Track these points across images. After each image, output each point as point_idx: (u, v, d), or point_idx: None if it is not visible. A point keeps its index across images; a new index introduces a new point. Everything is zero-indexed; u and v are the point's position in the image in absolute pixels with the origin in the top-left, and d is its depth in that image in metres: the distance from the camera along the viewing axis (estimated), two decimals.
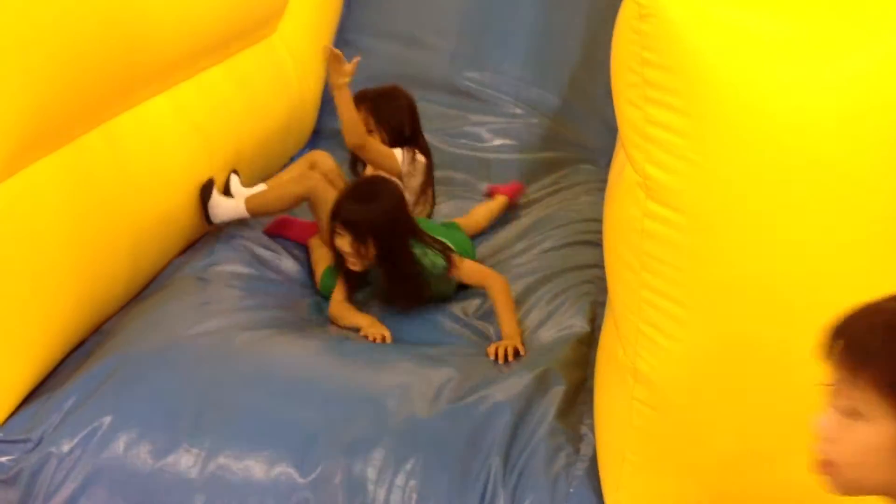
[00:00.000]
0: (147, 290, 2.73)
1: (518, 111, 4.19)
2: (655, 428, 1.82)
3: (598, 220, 3.24)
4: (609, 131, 4.11)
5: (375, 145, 3.13)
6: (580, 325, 2.66)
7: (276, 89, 3.55)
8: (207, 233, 3.07)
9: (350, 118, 3.00)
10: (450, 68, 4.22)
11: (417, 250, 2.69)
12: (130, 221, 2.56)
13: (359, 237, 2.62)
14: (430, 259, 2.70)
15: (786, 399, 1.64)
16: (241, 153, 3.22)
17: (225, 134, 3.11)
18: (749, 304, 1.64)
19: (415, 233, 2.72)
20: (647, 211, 1.69)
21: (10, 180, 2.10)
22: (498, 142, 4.10)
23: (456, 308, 2.78)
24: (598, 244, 3.10)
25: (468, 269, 2.76)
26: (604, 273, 2.91)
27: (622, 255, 1.81)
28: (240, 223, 3.08)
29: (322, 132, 4.16)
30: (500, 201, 3.41)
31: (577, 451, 2.15)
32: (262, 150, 3.41)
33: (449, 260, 2.71)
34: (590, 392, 2.34)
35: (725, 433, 1.75)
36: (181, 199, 2.86)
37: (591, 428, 2.20)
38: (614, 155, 2.42)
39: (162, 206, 2.73)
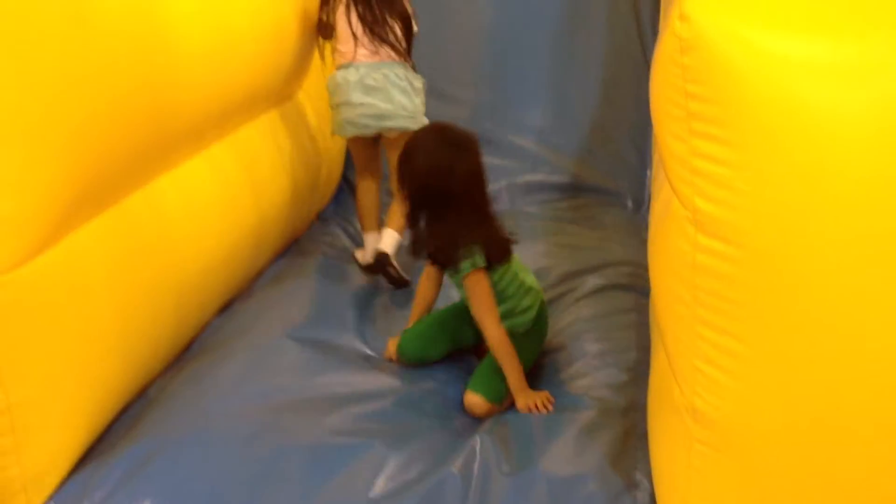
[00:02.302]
0: (191, 349, 2.72)
1: (541, 157, 4.20)
2: (718, 470, 1.77)
3: (632, 264, 3.25)
4: (634, 174, 4.14)
5: None
6: (624, 371, 2.62)
7: (302, 145, 3.58)
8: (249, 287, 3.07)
9: None
10: (471, 119, 4.24)
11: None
12: (173, 281, 2.57)
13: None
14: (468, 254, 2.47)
15: (858, 432, 1.60)
16: (271, 208, 3.24)
17: (256, 189, 3.13)
18: (810, 334, 1.60)
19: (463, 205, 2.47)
20: (698, 245, 1.66)
21: (57, 246, 2.11)
22: (522, 190, 4.11)
23: None
24: (634, 288, 3.10)
25: (478, 292, 2.48)
26: (642, 317, 2.91)
27: (674, 292, 1.78)
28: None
29: (346, 189, 4.19)
30: None
31: (634, 499, 2.10)
32: (291, 205, 3.44)
33: (475, 267, 2.46)
34: (642, 437, 2.30)
35: (792, 472, 1.70)
36: (221, 255, 2.87)
37: (647, 474, 2.16)
38: (653, 193, 2.40)
39: (202, 264, 2.75)
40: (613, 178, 4.08)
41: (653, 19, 4.35)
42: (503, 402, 2.51)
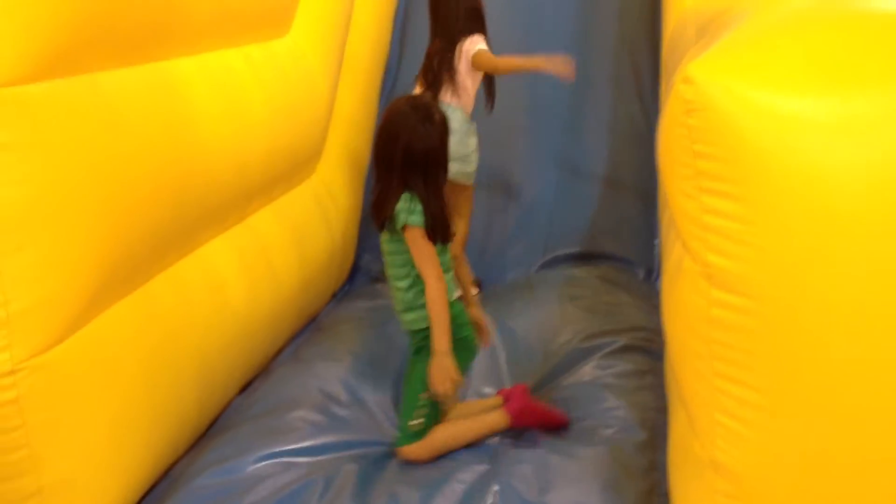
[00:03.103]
0: (214, 427, 2.75)
1: (553, 229, 4.28)
2: None
3: (646, 329, 3.29)
4: (643, 243, 4.21)
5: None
6: (643, 430, 2.65)
7: (316, 227, 3.65)
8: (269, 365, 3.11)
9: None
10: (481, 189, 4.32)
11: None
12: (196, 361, 2.62)
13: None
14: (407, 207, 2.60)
15: (880, 477, 1.62)
16: (288, 288, 3.30)
17: (273, 270, 3.19)
18: (826, 381, 1.64)
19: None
20: (712, 299, 1.71)
21: (86, 327, 2.17)
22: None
23: None
24: (649, 351, 3.13)
25: (420, 245, 2.59)
26: (658, 379, 2.94)
27: (691, 347, 1.83)
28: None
29: (360, 269, 4.26)
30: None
31: None
32: (307, 285, 3.49)
33: (411, 217, 2.58)
34: (662, 497, 2.31)
35: None
36: (240, 335, 2.92)
37: None
38: (664, 254, 2.46)
39: (223, 343, 2.80)
40: (623, 247, 4.15)
41: (654, 92, 4.47)
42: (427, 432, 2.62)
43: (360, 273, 4.26)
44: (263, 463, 2.51)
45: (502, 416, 2.71)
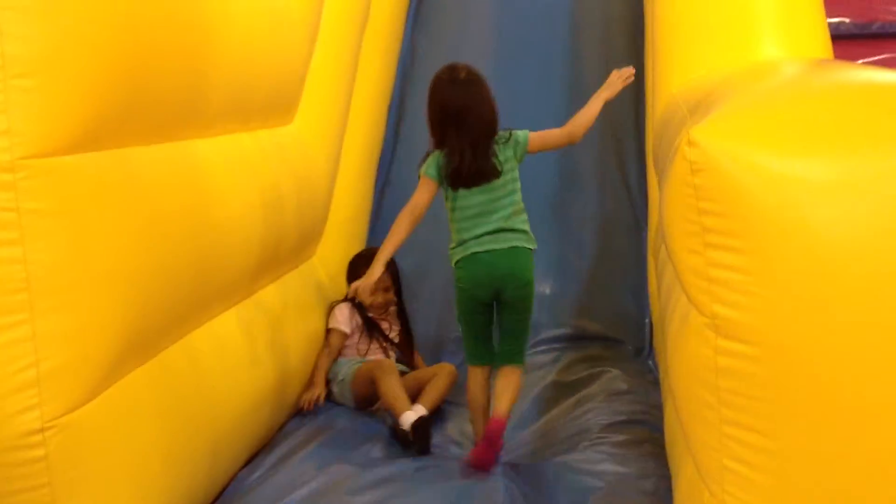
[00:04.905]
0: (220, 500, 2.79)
1: (543, 316, 4.37)
2: None
3: (642, 402, 3.38)
4: (633, 323, 4.32)
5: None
6: (645, 496, 2.71)
7: (316, 305, 3.75)
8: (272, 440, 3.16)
9: None
10: None
11: None
12: (208, 430, 2.67)
13: None
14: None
15: None
16: (293, 362, 3.37)
17: (278, 343, 3.28)
18: (832, 424, 1.73)
19: None
20: (719, 349, 1.82)
21: (106, 393, 2.23)
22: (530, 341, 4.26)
23: None
24: (646, 423, 3.21)
25: (416, 190, 3.15)
26: (657, 449, 3.01)
27: (699, 397, 1.92)
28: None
29: None
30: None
31: None
32: (306, 359, 3.58)
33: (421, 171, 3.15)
34: None
35: None
36: (248, 407, 2.98)
37: None
38: (666, 315, 2.55)
39: (233, 413, 2.86)
40: (614, 328, 4.26)
41: (639, 182, 4.65)
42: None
43: None
44: None
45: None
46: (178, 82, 2.49)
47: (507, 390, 3.06)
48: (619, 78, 3.24)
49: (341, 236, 4.19)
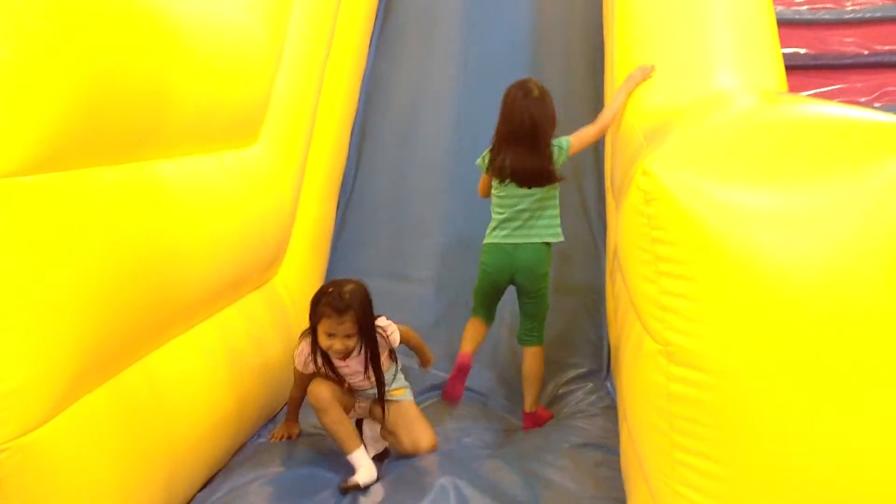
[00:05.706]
0: None
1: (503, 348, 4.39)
2: None
3: (601, 427, 3.41)
4: (591, 347, 4.36)
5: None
6: None
7: (278, 324, 3.75)
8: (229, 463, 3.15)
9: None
10: (435, 302, 4.46)
11: None
12: (164, 453, 2.66)
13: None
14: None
15: None
16: (250, 385, 3.36)
17: (236, 366, 3.27)
18: (780, 450, 1.77)
19: None
20: (671, 375, 1.86)
21: (62, 415, 2.22)
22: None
23: None
24: (603, 447, 3.24)
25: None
26: (613, 472, 3.04)
27: (651, 422, 1.96)
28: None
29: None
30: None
31: None
32: (269, 382, 3.56)
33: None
34: None
35: None
36: (206, 430, 2.97)
37: None
38: (621, 342, 2.60)
39: (192, 436, 2.84)
40: (572, 350, 4.28)
41: (597, 206, 4.70)
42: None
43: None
44: None
45: None
46: (139, 103, 2.50)
47: (531, 382, 3.66)
48: (641, 71, 3.42)
49: (304, 256, 4.19)
